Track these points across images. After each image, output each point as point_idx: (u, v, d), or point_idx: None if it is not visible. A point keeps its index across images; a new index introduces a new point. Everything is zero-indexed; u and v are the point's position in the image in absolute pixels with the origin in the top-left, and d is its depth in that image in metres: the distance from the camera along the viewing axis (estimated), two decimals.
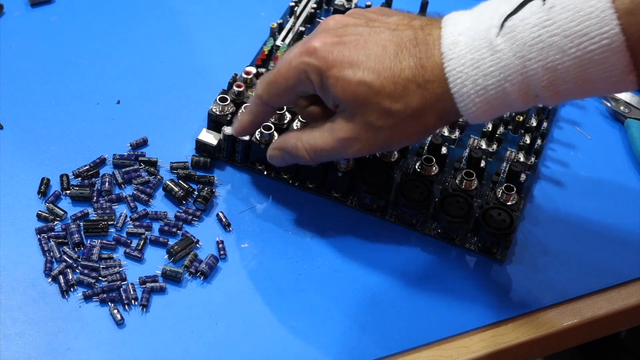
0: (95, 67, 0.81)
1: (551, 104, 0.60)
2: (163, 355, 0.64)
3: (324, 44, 0.62)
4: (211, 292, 0.67)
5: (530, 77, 0.58)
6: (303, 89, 0.65)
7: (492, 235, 0.69)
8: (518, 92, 0.58)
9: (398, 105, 0.61)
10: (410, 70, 0.61)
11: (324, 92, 0.63)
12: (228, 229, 0.71)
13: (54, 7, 0.85)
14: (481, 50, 0.59)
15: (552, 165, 0.78)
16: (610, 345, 1.22)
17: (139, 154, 0.75)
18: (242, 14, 0.87)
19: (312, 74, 0.63)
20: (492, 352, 0.67)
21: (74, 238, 0.68)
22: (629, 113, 0.81)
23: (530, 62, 0.57)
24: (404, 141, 0.64)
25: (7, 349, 0.63)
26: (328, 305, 0.67)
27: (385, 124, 0.62)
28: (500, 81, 0.58)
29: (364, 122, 0.62)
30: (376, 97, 0.61)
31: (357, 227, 0.72)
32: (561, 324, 0.69)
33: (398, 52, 0.61)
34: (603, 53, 0.55)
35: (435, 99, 0.60)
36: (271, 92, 0.66)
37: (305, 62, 0.63)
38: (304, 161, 0.67)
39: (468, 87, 0.59)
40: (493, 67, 0.58)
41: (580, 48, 0.56)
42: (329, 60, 0.62)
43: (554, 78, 0.57)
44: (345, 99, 0.62)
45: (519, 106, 0.60)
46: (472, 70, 0.59)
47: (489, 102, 0.59)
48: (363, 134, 0.63)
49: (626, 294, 0.71)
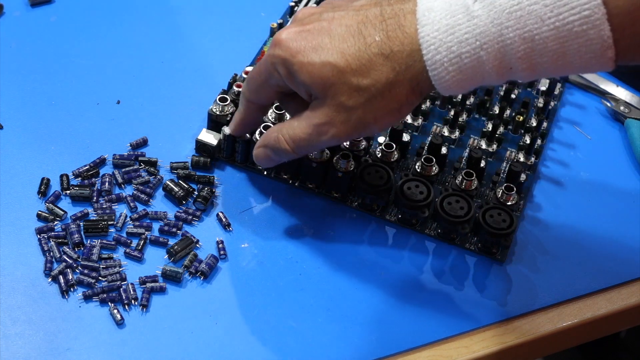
0: (95, 67, 0.81)
1: (524, 78, 0.58)
2: (163, 355, 0.64)
3: (289, 33, 0.63)
4: (211, 292, 0.67)
5: (506, 46, 0.56)
6: (274, 82, 0.65)
7: (492, 235, 0.69)
8: (493, 61, 0.57)
9: (366, 80, 0.60)
10: (376, 44, 0.60)
11: (293, 82, 0.63)
12: (228, 229, 0.71)
13: (54, 7, 0.85)
14: (457, 16, 0.57)
15: (552, 165, 0.78)
16: (610, 345, 1.22)
17: (139, 154, 0.75)
18: (242, 14, 0.87)
19: (278, 66, 0.63)
20: (492, 352, 0.67)
21: (74, 238, 0.68)
22: (629, 113, 0.81)
23: (508, 30, 0.56)
24: (380, 121, 0.62)
25: (7, 349, 0.63)
26: (328, 305, 0.67)
27: (357, 102, 0.61)
28: (475, 49, 0.57)
29: (335, 104, 0.61)
30: (343, 75, 0.60)
31: (357, 227, 0.72)
32: (561, 324, 0.69)
33: (362, 29, 0.60)
34: (583, 25, 0.54)
35: (404, 69, 0.59)
36: (250, 88, 0.67)
37: (272, 54, 0.63)
38: (286, 154, 0.66)
39: (442, 54, 0.58)
40: (469, 33, 0.57)
41: (559, 18, 0.54)
42: (292, 49, 0.62)
43: (531, 49, 0.56)
44: (312, 83, 0.61)
45: (493, 78, 0.58)
46: (446, 37, 0.58)
47: (462, 71, 0.58)
48: (336, 117, 0.62)
49: (626, 294, 0.71)
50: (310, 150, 0.67)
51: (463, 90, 0.60)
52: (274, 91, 0.66)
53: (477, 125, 0.79)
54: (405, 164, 0.75)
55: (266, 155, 0.68)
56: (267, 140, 0.67)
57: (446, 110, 0.79)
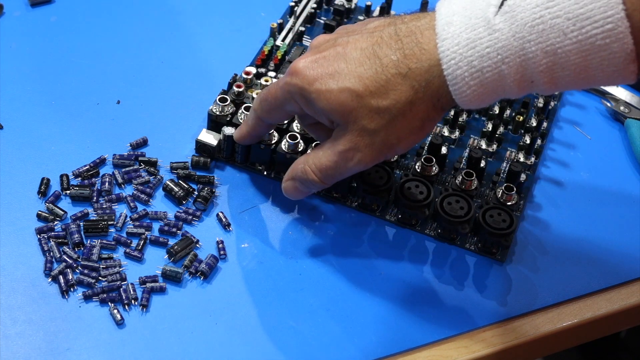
0: (95, 67, 0.81)
1: (544, 92, 0.58)
2: (163, 355, 0.64)
3: (305, 62, 0.62)
4: (211, 292, 0.67)
5: (528, 60, 0.56)
6: (290, 108, 0.65)
7: (492, 235, 0.69)
8: (515, 75, 0.57)
9: (386, 102, 0.60)
10: (393, 64, 0.59)
11: (312, 109, 0.63)
12: (228, 229, 0.71)
13: (54, 7, 0.85)
14: (478, 30, 0.57)
15: (552, 165, 0.78)
16: (610, 345, 1.22)
17: (139, 154, 0.75)
18: (242, 14, 0.87)
19: (295, 95, 0.63)
20: (492, 352, 0.67)
21: (74, 238, 0.68)
22: (629, 113, 0.81)
23: (530, 44, 0.55)
24: (403, 141, 0.62)
25: (7, 349, 0.63)
26: (328, 305, 0.67)
27: (379, 124, 0.61)
28: (497, 63, 0.57)
29: (358, 129, 0.61)
30: (362, 100, 0.60)
31: (357, 227, 0.72)
32: (561, 324, 0.69)
33: (377, 50, 0.60)
34: (606, 38, 0.54)
35: (424, 85, 0.59)
36: (263, 108, 0.67)
37: (289, 83, 0.63)
38: (314, 184, 0.66)
39: (462, 68, 0.58)
40: (490, 47, 0.57)
41: (582, 32, 0.54)
42: (309, 77, 0.62)
43: (553, 63, 0.56)
44: (332, 110, 0.61)
45: (514, 92, 0.58)
46: (467, 51, 0.57)
47: (483, 85, 0.58)
48: (360, 142, 0.62)
49: (626, 294, 0.71)
50: (338, 179, 0.65)
51: (483, 104, 0.60)
52: (287, 115, 0.67)
53: (477, 125, 0.79)
54: (405, 164, 0.75)
55: (295, 188, 0.67)
56: (294, 173, 0.67)
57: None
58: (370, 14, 0.86)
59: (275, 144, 0.73)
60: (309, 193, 0.68)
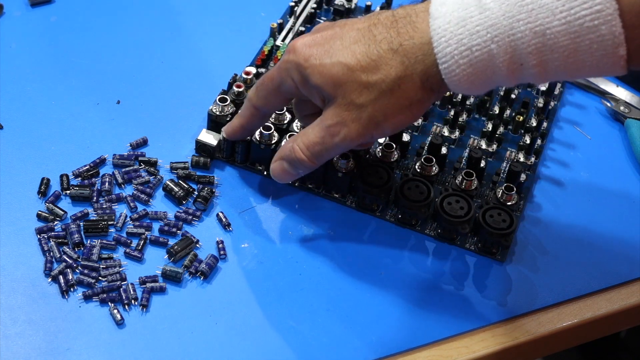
0: (95, 67, 0.81)
1: (535, 77, 0.58)
2: (163, 355, 0.64)
3: (303, 40, 0.64)
4: (211, 292, 0.67)
5: (517, 39, 0.56)
6: (286, 88, 0.65)
7: (492, 235, 0.69)
8: (504, 55, 0.57)
9: (376, 76, 0.60)
10: (386, 40, 0.60)
11: (307, 86, 0.63)
12: (228, 229, 0.71)
13: (54, 7, 0.85)
14: (469, 9, 0.58)
15: (552, 165, 0.78)
16: (610, 345, 1.22)
17: (139, 154, 0.75)
18: (242, 14, 0.87)
19: (292, 71, 0.63)
20: (492, 352, 0.67)
21: (74, 238, 0.68)
22: (629, 113, 0.81)
23: (519, 23, 0.56)
24: (390, 118, 0.62)
25: (7, 349, 0.63)
26: (328, 305, 0.67)
27: (367, 99, 0.61)
28: (486, 42, 0.57)
29: (346, 103, 0.62)
30: (353, 73, 0.61)
31: (357, 227, 0.72)
32: (561, 324, 0.69)
33: (372, 29, 0.61)
34: (594, 20, 0.54)
35: (414, 62, 0.59)
36: (259, 94, 0.67)
37: (285, 60, 0.64)
38: (302, 164, 0.66)
39: (452, 46, 0.58)
40: (480, 26, 0.57)
41: (571, 12, 0.54)
42: (306, 54, 0.63)
43: (542, 44, 0.56)
44: (323, 83, 0.62)
45: (503, 74, 0.58)
46: (458, 29, 0.58)
47: (473, 64, 0.58)
48: (347, 116, 0.62)
49: (626, 294, 0.71)
50: (326, 157, 0.65)
51: (474, 88, 0.60)
52: (283, 98, 0.67)
53: (477, 125, 0.79)
54: (405, 164, 0.75)
55: (283, 169, 0.67)
56: (282, 152, 0.67)
57: (446, 110, 0.79)
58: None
59: (275, 144, 0.73)
60: (297, 176, 0.68)
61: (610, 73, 0.57)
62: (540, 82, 0.59)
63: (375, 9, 0.86)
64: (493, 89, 0.80)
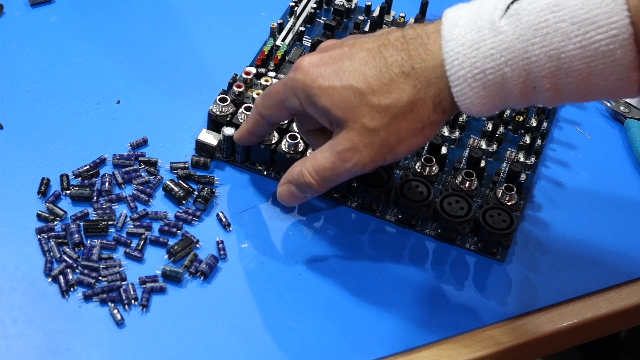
0: (95, 67, 0.81)
1: (547, 100, 0.58)
2: (163, 355, 0.64)
3: (311, 59, 0.63)
4: (211, 292, 0.67)
5: (531, 63, 0.56)
6: (290, 105, 0.64)
7: (492, 235, 0.69)
8: (517, 79, 0.57)
9: (387, 100, 0.60)
10: (397, 64, 0.59)
11: (314, 107, 0.62)
12: (228, 229, 0.71)
13: (54, 7, 0.85)
14: (483, 32, 0.57)
15: (552, 165, 0.78)
16: (610, 345, 1.22)
17: (139, 154, 0.75)
18: (242, 14, 0.87)
19: (298, 90, 0.63)
20: (492, 352, 0.67)
21: (74, 238, 0.68)
22: (629, 113, 0.81)
23: (534, 47, 0.55)
24: (403, 142, 0.61)
25: (7, 349, 0.63)
26: (328, 305, 0.67)
27: (379, 123, 0.60)
28: (500, 65, 0.57)
29: (358, 127, 0.61)
30: (364, 97, 0.60)
31: (357, 227, 0.72)
32: (561, 324, 0.69)
33: (383, 51, 0.60)
34: (610, 44, 0.54)
35: (426, 85, 0.59)
36: (264, 104, 0.67)
37: (292, 78, 0.63)
38: (310, 188, 0.65)
39: (465, 69, 0.57)
40: (494, 49, 0.56)
41: (586, 37, 0.54)
42: (313, 74, 0.62)
43: (556, 68, 0.55)
44: (333, 106, 0.61)
45: (516, 97, 0.58)
46: (471, 52, 0.57)
47: (486, 87, 0.57)
48: (360, 141, 0.61)
49: (626, 294, 0.71)
50: (335, 182, 0.64)
51: (485, 110, 0.59)
52: (288, 113, 0.66)
53: (477, 125, 0.79)
54: (405, 164, 0.75)
55: (290, 192, 0.67)
56: (290, 176, 0.66)
57: None
58: (370, 14, 0.86)
59: (276, 144, 0.73)
60: (304, 199, 0.67)
61: (623, 96, 0.57)
62: (552, 104, 0.59)
63: (375, 9, 0.86)
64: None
